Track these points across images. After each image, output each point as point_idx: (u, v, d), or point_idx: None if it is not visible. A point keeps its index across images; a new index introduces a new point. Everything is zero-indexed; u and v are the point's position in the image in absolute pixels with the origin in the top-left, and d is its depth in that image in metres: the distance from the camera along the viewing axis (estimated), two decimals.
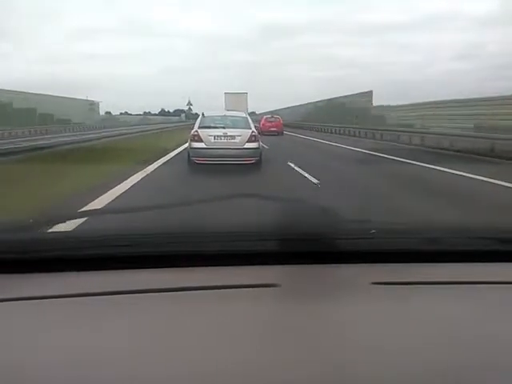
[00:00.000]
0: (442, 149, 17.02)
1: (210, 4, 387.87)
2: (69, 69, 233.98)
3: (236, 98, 49.54)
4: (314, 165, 11.46)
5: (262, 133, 30.76)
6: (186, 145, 12.35)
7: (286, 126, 37.66)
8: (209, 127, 11.35)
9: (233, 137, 11.08)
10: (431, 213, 5.89)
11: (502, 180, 8.70)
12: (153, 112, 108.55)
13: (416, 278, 1.07)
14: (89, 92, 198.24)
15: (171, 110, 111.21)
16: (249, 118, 12.39)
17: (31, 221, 1.24)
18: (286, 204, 1.31)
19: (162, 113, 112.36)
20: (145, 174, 9.51)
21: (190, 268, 1.12)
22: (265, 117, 36.85)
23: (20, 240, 1.16)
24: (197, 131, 11.21)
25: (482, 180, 9.06)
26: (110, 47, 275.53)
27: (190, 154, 11.18)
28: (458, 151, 15.76)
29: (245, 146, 10.99)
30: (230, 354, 0.76)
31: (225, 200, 1.37)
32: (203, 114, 12.16)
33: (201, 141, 11.00)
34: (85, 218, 1.30)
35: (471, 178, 9.43)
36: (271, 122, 34.93)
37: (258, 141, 11.30)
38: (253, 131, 11.34)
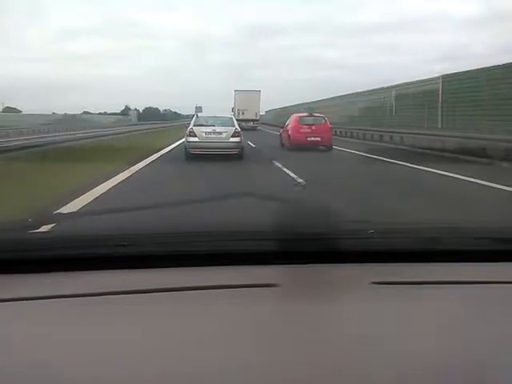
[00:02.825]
0: None
1: (196, 4, 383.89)
2: (52, 69, 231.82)
3: (248, 97, 43.24)
4: None
5: (291, 145, 17.83)
6: None
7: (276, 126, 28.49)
8: (201, 125, 14.23)
9: (220, 133, 13.84)
10: None
11: None
12: (110, 112, 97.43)
13: (416, 278, 1.07)
14: (73, 91, 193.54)
15: (141, 110, 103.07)
16: (233, 118, 15.65)
17: (30, 220, 1.24)
18: (285, 203, 1.31)
19: (125, 112, 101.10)
20: None
21: (189, 268, 1.12)
22: (296, 115, 19.88)
23: (19, 240, 1.16)
24: (192, 128, 14.05)
25: None
26: (94, 47, 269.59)
27: (187, 147, 13.88)
28: None
29: (229, 140, 13.79)
30: (230, 354, 0.75)
31: (224, 199, 1.36)
32: (197, 115, 15.22)
33: (195, 136, 13.78)
34: (84, 218, 1.30)
35: None
36: (311, 125, 18.46)
37: (240, 136, 14.05)
38: (236, 129, 14.14)
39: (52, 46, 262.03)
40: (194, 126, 14.21)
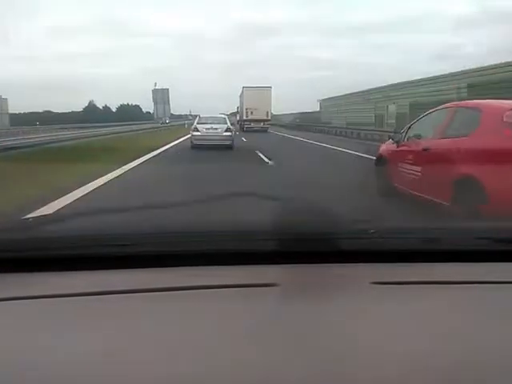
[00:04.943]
0: None
1: (189, 3, 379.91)
2: (44, 68, 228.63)
3: (258, 94, 38.99)
4: None
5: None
6: None
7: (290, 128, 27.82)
8: (203, 123, 19.47)
9: (216, 129, 19.01)
10: None
11: None
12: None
13: (416, 278, 1.07)
14: (65, 92, 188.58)
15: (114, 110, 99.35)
16: (226, 118, 20.77)
17: (29, 220, 1.24)
18: (285, 203, 1.31)
19: (90, 109, 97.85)
20: None
21: (189, 267, 1.11)
22: (491, 109, 5.15)
23: (18, 239, 1.15)
24: (196, 125, 19.39)
25: None
26: (87, 46, 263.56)
27: (192, 139, 19.15)
28: None
29: (223, 134, 18.93)
30: (229, 354, 0.75)
31: (225, 199, 1.36)
32: (199, 116, 20.64)
33: (198, 131, 19.11)
34: (84, 218, 1.29)
35: None
36: None
37: (231, 131, 19.44)
38: (228, 126, 19.43)
39: (39, 45, 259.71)
40: (197, 124, 19.57)
